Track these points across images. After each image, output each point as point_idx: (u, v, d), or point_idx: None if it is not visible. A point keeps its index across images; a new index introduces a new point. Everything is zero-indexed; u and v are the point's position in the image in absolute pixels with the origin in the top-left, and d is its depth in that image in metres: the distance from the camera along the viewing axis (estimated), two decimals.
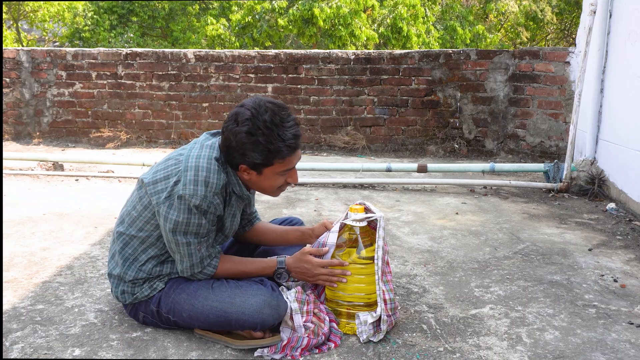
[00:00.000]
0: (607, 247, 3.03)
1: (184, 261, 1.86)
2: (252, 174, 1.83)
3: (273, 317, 1.82)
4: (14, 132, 6.66)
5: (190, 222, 1.78)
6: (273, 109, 1.75)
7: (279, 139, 1.74)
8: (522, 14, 16.57)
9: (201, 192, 1.75)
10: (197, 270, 1.87)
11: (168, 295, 1.90)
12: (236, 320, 1.81)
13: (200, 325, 1.88)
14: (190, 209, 1.76)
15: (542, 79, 5.58)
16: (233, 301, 1.82)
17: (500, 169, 4.62)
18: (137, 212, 1.89)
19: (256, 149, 1.74)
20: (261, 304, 1.80)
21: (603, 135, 4.29)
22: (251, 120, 1.72)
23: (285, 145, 1.75)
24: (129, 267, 1.91)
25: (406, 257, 2.82)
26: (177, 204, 1.76)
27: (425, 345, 1.91)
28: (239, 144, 1.74)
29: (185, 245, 1.82)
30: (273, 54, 6.29)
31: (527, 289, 2.42)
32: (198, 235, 1.82)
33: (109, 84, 6.49)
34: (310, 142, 6.35)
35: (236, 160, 1.80)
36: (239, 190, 1.89)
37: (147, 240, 1.89)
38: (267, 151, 1.74)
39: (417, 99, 6.12)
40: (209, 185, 1.76)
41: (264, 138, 1.72)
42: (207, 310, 1.84)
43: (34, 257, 2.72)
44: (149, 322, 1.97)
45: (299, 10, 11.74)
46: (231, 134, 1.75)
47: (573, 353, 1.88)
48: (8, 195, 4.03)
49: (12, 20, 16.91)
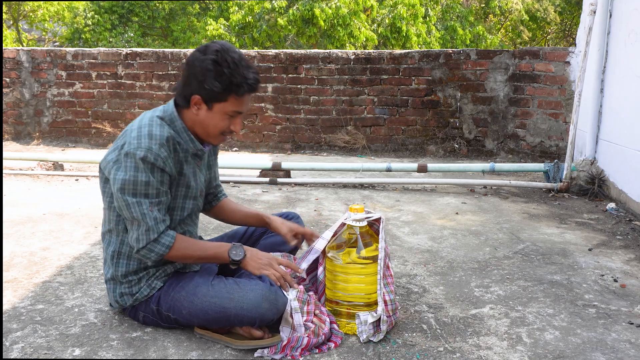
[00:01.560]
0: (607, 247, 3.03)
1: (139, 225, 1.79)
2: (202, 108, 1.84)
3: (271, 311, 1.82)
4: (14, 132, 6.66)
5: (137, 179, 1.77)
6: (242, 55, 1.82)
7: (242, 76, 1.79)
8: (526, 12, 16.57)
9: (145, 144, 1.76)
10: (152, 236, 1.79)
11: (167, 293, 1.90)
12: (235, 315, 1.81)
13: (199, 322, 1.88)
14: (137, 163, 1.76)
15: (542, 78, 5.58)
16: (232, 296, 1.82)
17: (500, 168, 4.62)
18: (106, 204, 1.92)
19: (219, 77, 1.77)
20: (259, 299, 1.80)
21: (603, 135, 4.29)
22: (220, 53, 1.78)
23: (246, 82, 1.79)
24: (117, 263, 1.93)
25: (406, 257, 2.82)
26: (124, 162, 1.78)
27: (425, 345, 1.91)
28: (203, 70, 1.77)
29: (135, 205, 1.77)
30: (273, 54, 6.29)
31: (527, 289, 2.42)
32: (148, 196, 1.79)
33: (109, 83, 6.49)
34: (310, 142, 6.35)
35: (192, 89, 1.81)
36: (193, 146, 1.90)
37: (119, 228, 1.90)
38: (228, 82, 1.78)
39: (417, 98, 6.12)
40: (153, 137, 1.78)
41: (229, 70, 1.77)
42: (206, 306, 1.84)
43: (34, 257, 2.72)
44: (149, 322, 1.97)
45: (299, 10, 11.74)
46: (197, 61, 1.79)
47: (573, 353, 1.88)
48: (8, 195, 4.03)
49: (12, 20, 16.91)
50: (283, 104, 6.33)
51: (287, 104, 6.32)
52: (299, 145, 6.35)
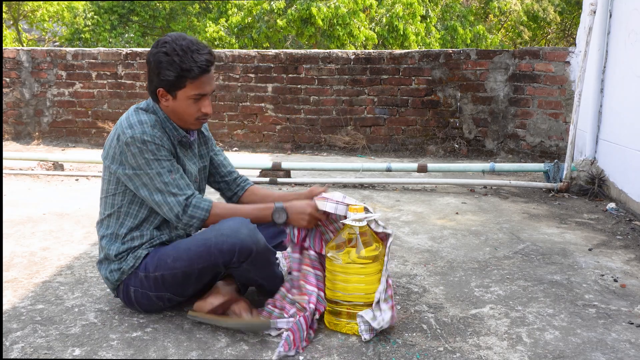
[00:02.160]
0: (607, 247, 3.03)
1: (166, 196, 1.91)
2: (168, 99, 1.94)
3: (251, 238, 1.87)
4: (14, 132, 6.66)
5: (147, 158, 1.89)
6: (192, 40, 1.91)
7: (192, 60, 1.88)
8: (524, 13, 16.56)
9: (139, 129, 1.90)
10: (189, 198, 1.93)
11: (154, 256, 1.97)
12: (215, 243, 1.86)
13: (184, 265, 1.91)
14: (141, 148, 1.88)
15: (542, 78, 5.58)
16: (212, 227, 1.92)
17: (500, 168, 4.62)
18: (104, 194, 2.03)
19: (170, 67, 1.87)
20: (238, 224, 1.88)
21: (603, 135, 4.29)
22: (169, 44, 1.89)
23: (197, 65, 1.88)
24: (112, 244, 2.00)
25: (406, 257, 2.82)
26: (128, 151, 1.90)
27: (425, 345, 1.91)
28: (156, 63, 1.90)
29: (156, 178, 1.90)
30: (273, 53, 6.29)
31: (527, 289, 2.42)
32: (163, 168, 1.90)
33: (109, 83, 6.49)
34: (310, 142, 6.35)
35: (154, 83, 1.93)
36: (177, 134, 1.99)
37: (121, 211, 1.99)
38: (180, 69, 1.87)
39: (417, 98, 6.12)
40: (142, 122, 1.91)
41: (178, 58, 1.87)
42: (189, 244, 1.92)
43: (34, 257, 2.72)
44: (139, 297, 2.00)
45: (297, 10, 11.73)
46: (151, 56, 1.92)
47: (573, 353, 1.88)
48: (8, 195, 4.03)
49: (12, 20, 16.91)
50: (283, 104, 6.33)
51: (287, 104, 6.32)
52: (299, 145, 6.35)
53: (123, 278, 1.99)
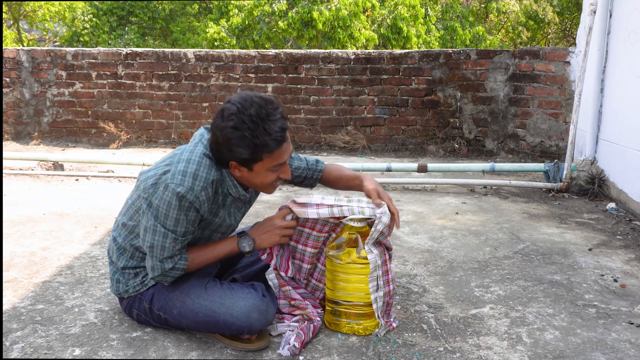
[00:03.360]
0: (607, 247, 3.03)
1: (155, 255, 1.79)
2: (242, 170, 1.79)
3: (260, 322, 1.83)
4: (14, 132, 6.66)
5: (171, 213, 1.74)
6: (259, 103, 1.72)
7: (265, 132, 1.70)
8: (523, 14, 16.55)
9: (188, 184, 1.72)
10: (168, 266, 1.80)
11: (161, 292, 1.90)
12: (224, 321, 1.81)
13: (188, 323, 1.88)
14: (174, 199, 1.72)
15: (542, 78, 5.58)
16: (223, 302, 1.82)
17: (501, 168, 4.62)
18: (132, 201, 1.91)
19: (242, 143, 1.70)
20: (250, 308, 1.80)
21: (603, 135, 4.29)
22: (236, 115, 1.69)
23: (271, 138, 1.71)
24: (120, 255, 1.94)
25: (406, 257, 2.82)
26: (162, 193, 1.74)
27: (425, 345, 1.91)
28: (225, 140, 1.71)
29: (161, 236, 1.77)
30: (273, 53, 6.29)
31: (527, 289, 2.42)
32: (176, 232, 1.77)
33: (109, 83, 6.49)
34: (310, 142, 6.35)
35: (225, 157, 1.76)
36: (235, 192, 1.86)
37: (135, 230, 1.89)
38: (253, 145, 1.70)
39: (417, 98, 6.12)
40: (198, 178, 1.73)
41: (249, 132, 1.69)
42: (197, 308, 1.84)
43: (34, 257, 2.72)
44: (142, 320, 1.98)
45: (298, 13, 11.73)
46: (217, 130, 1.73)
47: (573, 353, 1.88)
48: (8, 195, 4.03)
49: (13, 20, 16.91)
50: (283, 104, 6.30)
51: (287, 104, 6.32)
52: (299, 145, 6.35)
53: (125, 296, 1.96)
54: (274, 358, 1.82)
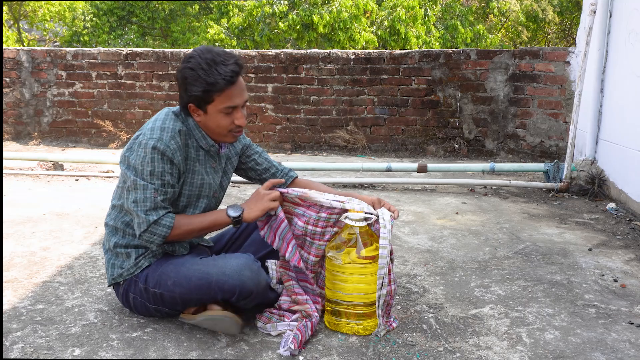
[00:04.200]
0: (607, 247, 3.03)
1: (139, 208, 1.85)
2: (200, 113, 1.92)
3: (253, 280, 1.85)
4: (14, 132, 6.66)
5: (145, 165, 1.86)
6: (218, 52, 1.87)
7: (217, 72, 1.84)
8: (523, 13, 16.54)
9: (157, 134, 1.87)
10: (152, 218, 1.84)
11: (155, 270, 1.95)
12: (216, 281, 1.84)
13: (182, 292, 1.89)
14: (147, 152, 1.85)
15: (542, 78, 5.58)
16: (215, 263, 1.89)
17: (501, 168, 4.62)
18: (119, 183, 2.00)
19: (196, 82, 1.85)
20: (242, 266, 1.85)
21: (603, 135, 4.29)
22: (194, 58, 1.86)
23: (221, 77, 1.84)
24: (112, 236, 2.00)
25: (406, 257, 2.82)
26: (136, 151, 1.88)
27: (425, 345, 1.91)
28: (183, 79, 1.88)
29: (142, 189, 1.86)
30: (273, 53, 6.29)
31: (527, 289, 2.42)
32: (154, 183, 1.86)
33: (109, 83, 6.49)
34: (310, 142, 6.35)
35: (184, 99, 1.91)
36: (205, 143, 1.97)
37: (123, 208, 1.96)
38: (205, 83, 1.84)
39: (417, 98, 6.12)
40: (165, 130, 1.88)
41: (203, 72, 1.84)
42: (191, 273, 1.89)
43: (34, 257, 2.72)
44: (138, 305, 2.01)
45: (298, 15, 11.72)
46: (178, 72, 1.91)
47: (573, 353, 1.88)
48: (8, 195, 4.03)
49: (13, 20, 16.91)
50: (283, 104, 6.33)
51: (287, 104, 6.32)
52: (299, 145, 6.35)
53: (120, 280, 1.99)
54: (274, 358, 1.82)
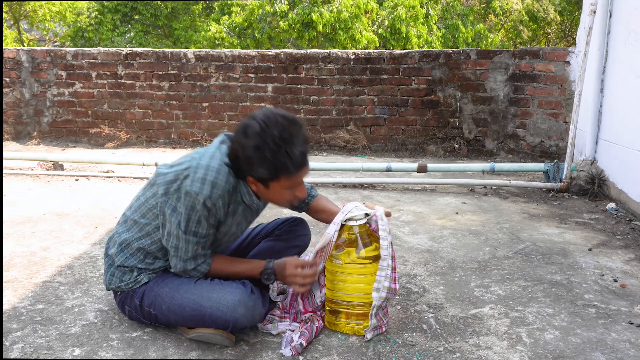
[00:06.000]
0: (607, 247, 3.03)
1: (179, 256, 1.86)
2: (259, 186, 1.82)
3: (246, 317, 1.82)
4: (14, 132, 6.66)
5: (192, 219, 1.80)
6: (283, 124, 1.71)
7: (286, 155, 1.71)
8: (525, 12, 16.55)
9: (207, 192, 1.76)
10: (190, 267, 1.88)
11: (152, 289, 1.92)
12: (210, 315, 1.82)
13: (176, 319, 1.89)
14: (194, 206, 1.78)
15: (542, 78, 5.58)
16: (210, 295, 1.84)
17: (500, 168, 4.61)
18: (145, 199, 1.92)
19: (263, 164, 1.72)
20: (236, 303, 1.81)
21: (603, 135, 4.29)
22: (260, 135, 1.70)
23: (292, 162, 1.72)
24: (121, 251, 1.94)
25: (406, 256, 2.82)
26: (183, 200, 1.79)
27: (425, 345, 1.91)
28: (246, 157, 1.74)
29: (183, 240, 1.84)
30: (273, 53, 6.29)
31: (527, 289, 2.42)
32: (197, 235, 1.83)
33: (109, 83, 6.49)
34: (311, 142, 6.35)
35: (244, 172, 1.80)
36: (249, 200, 1.89)
37: (145, 229, 1.91)
38: (273, 167, 1.72)
39: (417, 98, 6.12)
40: (216, 187, 1.77)
41: (271, 154, 1.70)
42: (184, 302, 1.85)
43: (34, 257, 2.72)
44: (133, 317, 2.00)
45: (298, 14, 11.73)
46: (239, 147, 1.74)
47: (573, 353, 1.88)
48: (8, 195, 4.03)
49: (13, 20, 16.91)
50: (283, 104, 6.33)
51: (287, 104, 6.32)
52: None
53: (118, 291, 1.97)
54: (274, 358, 1.82)
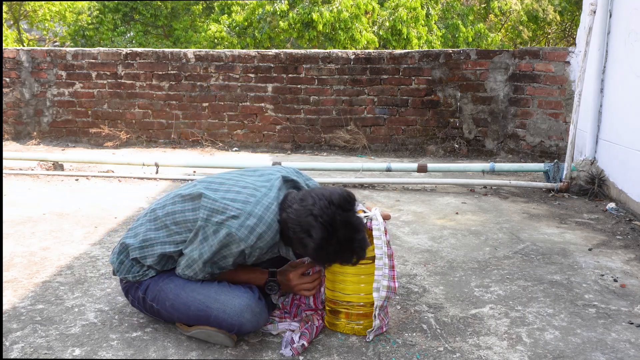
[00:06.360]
0: (607, 247, 3.03)
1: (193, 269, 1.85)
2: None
3: (252, 323, 1.83)
4: (14, 132, 6.66)
5: (221, 254, 1.79)
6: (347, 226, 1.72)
7: (341, 256, 1.77)
8: (525, 13, 16.55)
9: (251, 241, 1.75)
10: (199, 277, 1.88)
11: (157, 283, 1.91)
12: (215, 317, 1.82)
13: (179, 316, 1.89)
14: (230, 245, 1.77)
15: (542, 78, 5.58)
16: (217, 297, 1.83)
17: (500, 168, 4.61)
18: (182, 208, 1.87)
19: (317, 255, 1.76)
20: (244, 307, 1.81)
21: (603, 135, 4.29)
22: (325, 240, 1.71)
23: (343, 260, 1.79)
24: (142, 248, 1.89)
25: (406, 257, 2.82)
26: (222, 236, 1.76)
27: (425, 345, 1.91)
28: (304, 249, 1.76)
29: (201, 263, 1.82)
30: (273, 53, 6.29)
31: (527, 289, 2.42)
32: (216, 265, 1.83)
33: (109, 83, 6.49)
34: (311, 142, 6.35)
35: (292, 244, 1.83)
36: (285, 253, 1.90)
37: (173, 237, 1.87)
38: (326, 258, 1.78)
39: (417, 98, 6.12)
40: (261, 240, 1.76)
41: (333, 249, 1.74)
42: (190, 301, 1.85)
43: (34, 257, 2.72)
44: (135, 306, 2.01)
45: (298, 14, 11.73)
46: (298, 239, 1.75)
47: (573, 353, 1.88)
48: (8, 195, 4.03)
49: (13, 20, 16.91)
50: (283, 104, 6.33)
51: (287, 104, 6.31)
52: (299, 145, 6.35)
53: (124, 281, 1.97)
54: (274, 358, 1.82)
